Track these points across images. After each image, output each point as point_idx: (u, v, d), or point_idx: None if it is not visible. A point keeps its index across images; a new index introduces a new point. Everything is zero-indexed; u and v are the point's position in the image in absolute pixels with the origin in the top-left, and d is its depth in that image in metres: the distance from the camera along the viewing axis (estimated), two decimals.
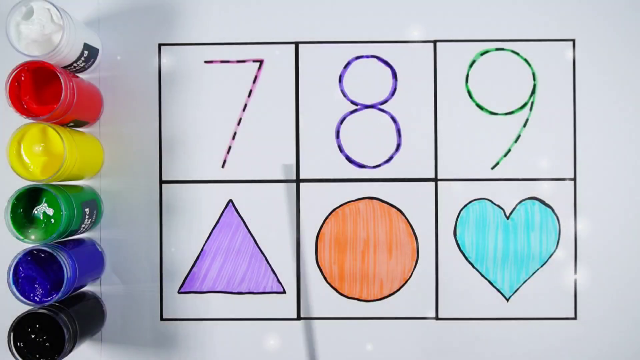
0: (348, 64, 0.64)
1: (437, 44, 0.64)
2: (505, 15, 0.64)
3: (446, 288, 0.64)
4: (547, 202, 0.64)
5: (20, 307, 0.56)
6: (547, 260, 0.64)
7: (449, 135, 0.64)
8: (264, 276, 0.64)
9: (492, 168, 0.64)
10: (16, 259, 0.55)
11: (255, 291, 0.64)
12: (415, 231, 0.64)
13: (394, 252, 0.64)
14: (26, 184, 0.56)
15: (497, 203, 0.64)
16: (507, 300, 0.64)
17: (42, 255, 0.56)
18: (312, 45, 0.64)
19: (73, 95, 0.56)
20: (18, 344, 0.55)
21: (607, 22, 0.64)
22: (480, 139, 0.64)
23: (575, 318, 0.64)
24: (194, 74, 0.64)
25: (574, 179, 0.64)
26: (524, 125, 0.64)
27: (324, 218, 0.64)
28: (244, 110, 0.64)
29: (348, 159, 0.65)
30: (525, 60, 0.64)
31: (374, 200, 0.64)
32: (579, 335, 0.64)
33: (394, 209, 0.64)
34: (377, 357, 0.64)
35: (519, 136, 0.64)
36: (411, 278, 0.64)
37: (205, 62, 0.64)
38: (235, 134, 0.64)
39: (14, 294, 0.55)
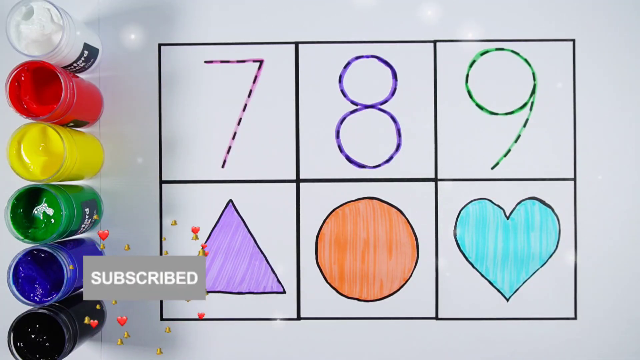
0: (348, 64, 0.64)
1: (437, 44, 0.64)
2: (505, 15, 0.64)
3: (446, 288, 0.64)
4: (547, 202, 0.64)
5: (20, 307, 0.56)
6: (547, 260, 0.64)
7: (449, 135, 0.64)
8: (264, 276, 0.64)
9: (492, 168, 0.64)
10: (16, 259, 0.55)
11: (255, 291, 0.64)
12: (415, 231, 0.64)
13: (394, 252, 0.64)
14: (26, 184, 0.56)
15: (497, 203, 0.64)
16: (507, 300, 0.64)
17: (42, 255, 0.56)
18: (312, 45, 0.64)
19: (73, 95, 0.56)
20: (18, 344, 0.55)
21: (607, 22, 0.64)
22: (480, 139, 0.64)
23: (575, 318, 0.64)
24: (194, 74, 0.64)
25: (574, 179, 0.64)
26: (524, 125, 0.64)
27: (324, 218, 0.64)
28: (244, 110, 0.64)
29: (348, 159, 0.64)
30: (525, 60, 0.64)
31: (374, 200, 0.64)
32: (579, 335, 0.64)
33: (394, 209, 0.64)
34: (377, 357, 0.64)
35: (519, 136, 0.64)
36: (411, 278, 0.64)
37: (205, 62, 0.64)
38: (235, 134, 0.64)
39: (14, 294, 0.55)
